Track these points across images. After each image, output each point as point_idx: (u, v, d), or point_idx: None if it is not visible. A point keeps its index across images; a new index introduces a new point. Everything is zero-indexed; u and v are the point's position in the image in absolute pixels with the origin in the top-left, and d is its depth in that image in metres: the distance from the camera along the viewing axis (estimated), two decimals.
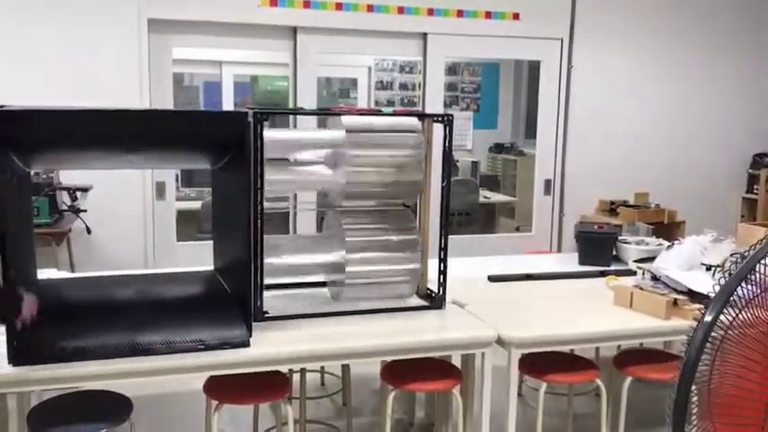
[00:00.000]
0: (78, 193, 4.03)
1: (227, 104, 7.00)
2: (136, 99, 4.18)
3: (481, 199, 6.93)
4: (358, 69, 7.52)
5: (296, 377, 3.07)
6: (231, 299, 2.32)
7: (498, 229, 7.16)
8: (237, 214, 2.25)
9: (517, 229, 6.96)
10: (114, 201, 4.21)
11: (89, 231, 4.04)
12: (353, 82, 7.74)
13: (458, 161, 7.21)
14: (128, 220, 4.29)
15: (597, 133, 5.23)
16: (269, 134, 2.39)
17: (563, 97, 5.13)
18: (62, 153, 2.20)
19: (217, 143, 2.24)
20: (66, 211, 3.92)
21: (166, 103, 4.33)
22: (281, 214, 4.69)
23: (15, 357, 2.00)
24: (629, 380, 2.78)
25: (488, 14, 4.86)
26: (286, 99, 5.35)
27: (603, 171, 5.25)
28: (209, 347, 2.15)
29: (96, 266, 3.87)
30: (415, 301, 2.73)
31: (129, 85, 4.17)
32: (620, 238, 3.63)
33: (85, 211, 3.99)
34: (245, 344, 2.20)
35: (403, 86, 7.47)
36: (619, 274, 3.23)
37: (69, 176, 4.01)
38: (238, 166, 2.21)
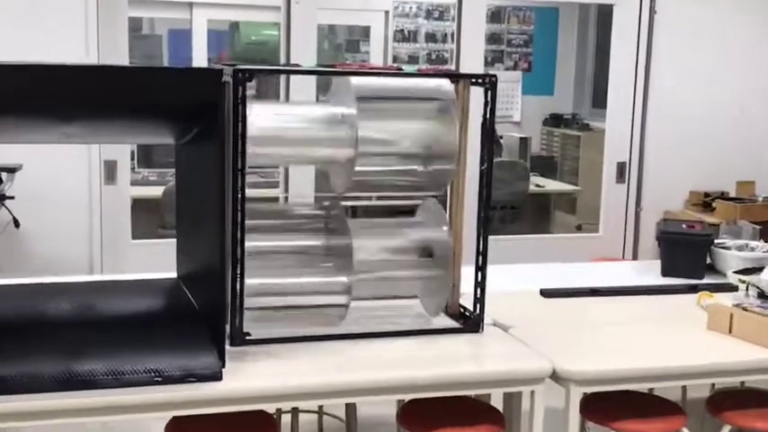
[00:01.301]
0: (3, 175, 4.07)
1: (199, 60, 7.04)
2: (79, 51, 4.20)
3: (532, 188, 6.92)
4: (371, 14, 7.53)
5: (286, 418, 3.08)
6: (199, 316, 2.34)
7: (554, 228, 7.14)
8: (208, 205, 2.25)
9: (579, 229, 6.94)
10: (50, 185, 4.25)
11: (17, 224, 4.07)
12: (365, 31, 7.75)
13: (501, 137, 7.19)
14: (68, 211, 4.32)
15: (688, 103, 5.19)
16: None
17: (643, 55, 5.10)
18: None
19: (182, 110, 2.23)
20: None
21: (119, 56, 4.35)
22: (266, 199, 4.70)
23: None
24: (726, 429, 2.77)
25: None
26: (276, 54, 5.36)
27: (695, 153, 5.22)
28: (168, 380, 2.13)
29: (25, 270, 3.91)
30: (444, 321, 2.73)
31: (69, 33, 4.20)
32: (716, 241, 3.61)
33: (12, 198, 4.02)
34: (216, 376, 2.19)
35: (430, 37, 7.46)
36: (714, 289, 3.22)
37: None
38: (210, 141, 2.21)
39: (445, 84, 2.62)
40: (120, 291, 2.55)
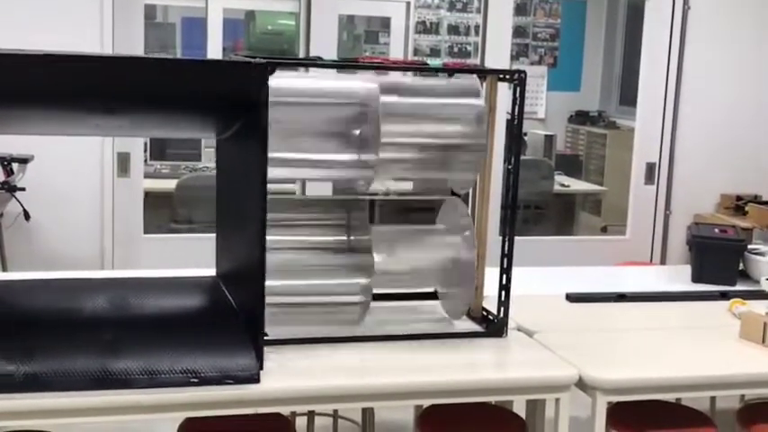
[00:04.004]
0: (14, 166, 4.10)
1: (214, 49, 7.05)
2: (94, 40, 4.23)
3: (556, 187, 6.90)
4: (392, 5, 7.52)
5: (300, 421, 3.09)
6: (237, 316, 2.34)
7: (579, 230, 7.12)
8: (248, 203, 2.25)
9: (604, 230, 6.93)
10: (62, 176, 4.28)
11: (27, 217, 4.10)
12: (385, 22, 7.75)
13: (525, 134, 7.18)
14: (79, 203, 4.36)
15: (721, 102, 5.17)
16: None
17: (675, 50, 5.08)
18: (7, 111, 2.21)
19: (226, 104, 2.24)
20: None
21: (134, 45, 4.38)
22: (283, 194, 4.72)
23: None
24: None
25: None
26: (293, 44, 5.38)
27: (728, 153, 5.20)
28: (204, 381, 2.15)
29: (36, 264, 3.95)
30: (466, 324, 2.73)
31: (85, 21, 4.23)
32: (749, 246, 3.60)
33: (23, 189, 4.05)
34: (254, 378, 2.20)
35: (453, 30, 7.46)
36: (747, 296, 3.20)
37: (2, 143, 4.08)
38: (250, 137, 2.21)
39: (473, 81, 2.62)
40: (158, 288, 2.55)
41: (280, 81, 2.33)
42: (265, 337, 2.43)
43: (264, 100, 2.17)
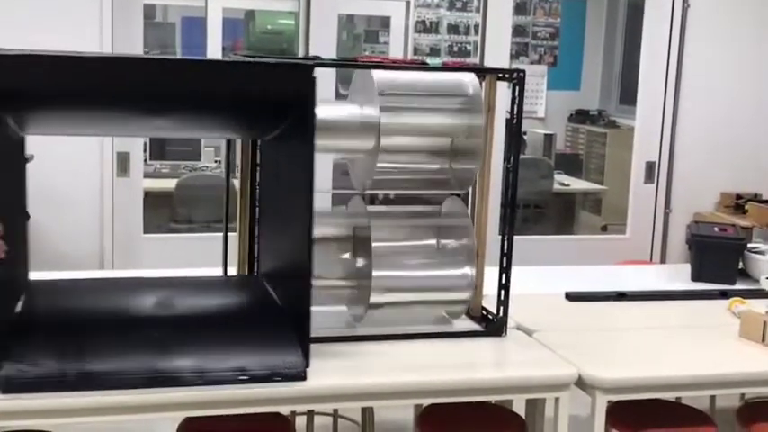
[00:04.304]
0: None
1: (214, 48, 7.06)
2: (94, 39, 4.23)
3: (556, 186, 6.91)
4: (391, 4, 7.53)
5: (300, 421, 3.10)
6: (282, 314, 2.36)
7: (579, 229, 7.14)
8: (297, 203, 2.28)
9: (604, 230, 6.93)
10: (62, 176, 4.28)
11: (27, 216, 4.10)
12: (385, 22, 7.75)
13: (525, 133, 7.19)
14: (79, 203, 4.36)
15: (721, 101, 5.17)
16: None
17: (675, 48, 5.08)
18: (70, 113, 2.24)
19: (272, 105, 2.26)
20: None
21: (134, 44, 4.38)
22: None
23: (6, 383, 2.05)
24: None
25: None
26: (292, 43, 5.38)
27: (728, 151, 5.21)
28: (253, 379, 2.18)
29: (36, 263, 3.93)
30: (466, 323, 2.73)
31: (84, 21, 4.23)
32: (749, 245, 3.60)
33: None
34: (301, 375, 2.23)
35: (453, 29, 7.46)
36: (747, 295, 3.21)
37: None
38: (299, 138, 2.24)
39: (471, 80, 2.62)
40: (202, 286, 2.58)
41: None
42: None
43: (312, 100, 2.19)
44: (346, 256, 2.68)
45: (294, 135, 2.26)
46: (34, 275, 2.89)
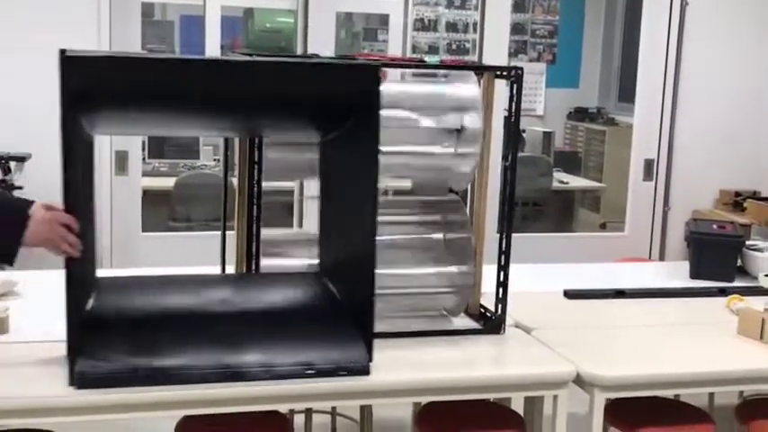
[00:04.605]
0: (12, 164, 4.10)
1: (212, 46, 7.04)
2: (91, 38, 4.23)
3: (555, 184, 6.91)
4: (390, 2, 7.49)
5: (298, 419, 3.09)
6: (344, 310, 2.40)
7: (578, 227, 7.14)
8: (360, 202, 2.32)
9: (603, 227, 6.93)
10: (60, 175, 4.25)
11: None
12: (383, 19, 7.74)
13: (524, 131, 7.19)
14: None
15: (719, 99, 5.17)
16: None
17: (673, 48, 5.08)
18: (139, 113, 2.29)
19: (338, 105, 2.31)
20: None
21: (132, 43, 4.38)
22: (280, 202, 4.71)
23: (80, 378, 2.10)
24: None
25: None
26: (291, 42, 5.38)
27: (726, 150, 5.20)
28: (319, 373, 2.24)
29: (34, 262, 3.93)
30: (464, 321, 2.74)
31: (82, 19, 4.22)
32: (747, 243, 3.60)
33: (21, 188, 4.04)
34: (365, 370, 2.28)
35: (451, 27, 7.44)
36: (745, 292, 3.21)
37: None
38: (361, 139, 2.29)
39: (470, 90, 2.61)
40: (264, 283, 2.61)
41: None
42: None
43: (377, 101, 2.23)
44: None
45: (357, 134, 2.31)
46: (32, 274, 2.91)
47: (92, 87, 2.09)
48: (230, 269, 2.75)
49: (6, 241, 2.16)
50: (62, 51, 2.02)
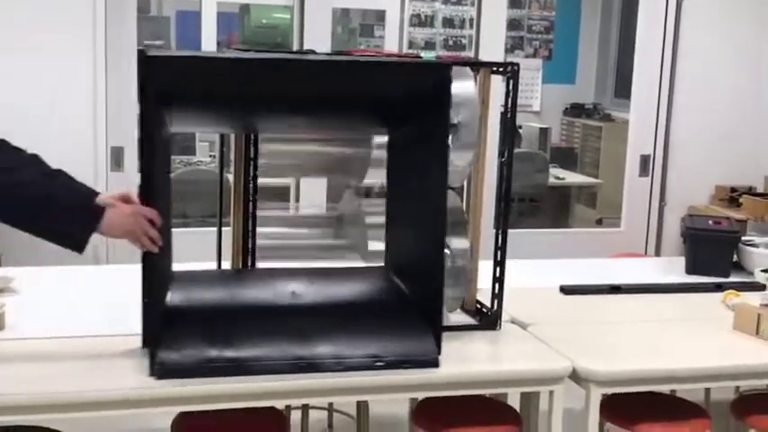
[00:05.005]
0: None
1: (209, 42, 7.04)
2: (87, 34, 4.22)
3: (551, 180, 6.91)
4: None
5: (295, 415, 3.09)
6: (412, 305, 2.44)
7: (574, 222, 7.14)
8: (430, 199, 2.35)
9: (599, 223, 6.95)
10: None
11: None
12: (380, 15, 7.73)
13: (520, 127, 7.19)
14: None
15: (715, 95, 5.17)
16: None
17: (669, 43, 5.08)
18: (216, 111, 2.34)
19: (408, 103, 2.34)
20: None
21: (128, 39, 4.36)
22: (277, 188, 4.70)
23: (160, 369, 2.15)
24: None
25: None
26: (287, 38, 5.37)
27: (722, 146, 5.20)
28: (389, 365, 2.28)
29: (30, 259, 3.92)
30: (460, 317, 2.73)
31: (78, 16, 4.21)
32: (743, 238, 3.60)
33: None
34: (435, 362, 2.33)
35: (448, 23, 7.43)
36: (741, 288, 3.21)
37: None
38: (431, 135, 2.31)
39: (467, 86, 2.61)
40: (333, 277, 2.64)
41: None
42: None
43: (448, 98, 2.26)
44: None
45: (426, 132, 2.34)
46: (29, 270, 2.90)
47: (176, 85, 2.14)
48: (226, 265, 2.75)
49: (76, 228, 2.19)
50: (140, 52, 2.08)
